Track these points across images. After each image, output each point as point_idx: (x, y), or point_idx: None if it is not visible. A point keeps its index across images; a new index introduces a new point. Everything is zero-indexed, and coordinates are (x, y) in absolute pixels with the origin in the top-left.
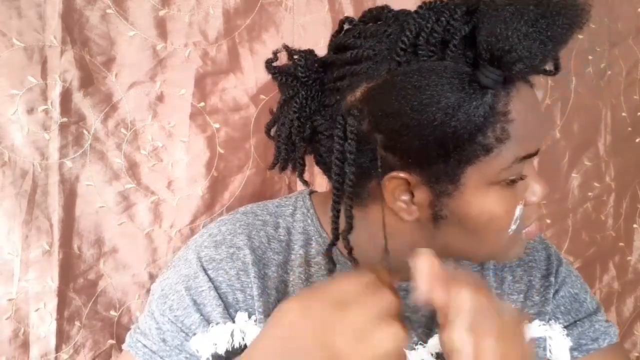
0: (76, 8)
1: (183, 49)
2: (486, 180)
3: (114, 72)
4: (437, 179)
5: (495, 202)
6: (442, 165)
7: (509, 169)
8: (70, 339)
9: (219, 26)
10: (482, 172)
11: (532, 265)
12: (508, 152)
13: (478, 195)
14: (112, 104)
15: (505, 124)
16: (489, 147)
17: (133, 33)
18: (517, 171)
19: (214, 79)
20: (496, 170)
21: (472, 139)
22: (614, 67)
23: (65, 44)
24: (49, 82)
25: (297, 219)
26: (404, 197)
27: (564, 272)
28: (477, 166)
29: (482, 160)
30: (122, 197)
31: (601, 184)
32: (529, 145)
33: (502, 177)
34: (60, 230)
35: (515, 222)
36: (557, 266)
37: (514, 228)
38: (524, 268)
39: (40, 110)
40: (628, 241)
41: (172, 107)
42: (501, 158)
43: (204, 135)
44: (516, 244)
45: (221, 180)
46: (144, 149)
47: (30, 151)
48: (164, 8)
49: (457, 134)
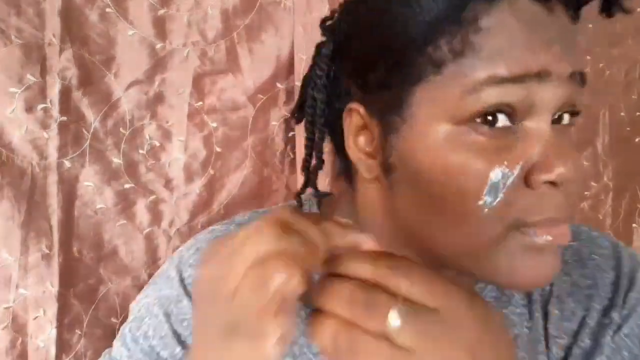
0: (76, 6)
1: (182, 48)
2: (445, 114)
3: (113, 71)
4: (385, 107)
5: (456, 148)
6: (392, 89)
7: (476, 95)
8: (70, 348)
9: (218, 26)
10: (435, 99)
11: (592, 293)
12: (473, 70)
13: (431, 133)
14: (111, 103)
15: (468, 34)
16: (440, 62)
17: (132, 32)
18: (495, 100)
19: (213, 78)
20: (456, 95)
21: (419, 47)
22: (613, 67)
23: (65, 42)
24: (48, 81)
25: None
26: (361, 140)
27: (635, 299)
28: (427, 89)
29: (432, 80)
30: (121, 197)
31: (599, 183)
32: (515, 61)
33: (470, 108)
34: (59, 233)
35: (491, 192)
36: (627, 291)
37: (488, 202)
38: (578, 297)
39: (40, 109)
40: (627, 241)
41: (170, 107)
42: (462, 77)
43: (201, 135)
44: (507, 245)
45: (218, 179)
46: (142, 148)
47: (28, 150)
48: (163, 7)
49: (401, 39)
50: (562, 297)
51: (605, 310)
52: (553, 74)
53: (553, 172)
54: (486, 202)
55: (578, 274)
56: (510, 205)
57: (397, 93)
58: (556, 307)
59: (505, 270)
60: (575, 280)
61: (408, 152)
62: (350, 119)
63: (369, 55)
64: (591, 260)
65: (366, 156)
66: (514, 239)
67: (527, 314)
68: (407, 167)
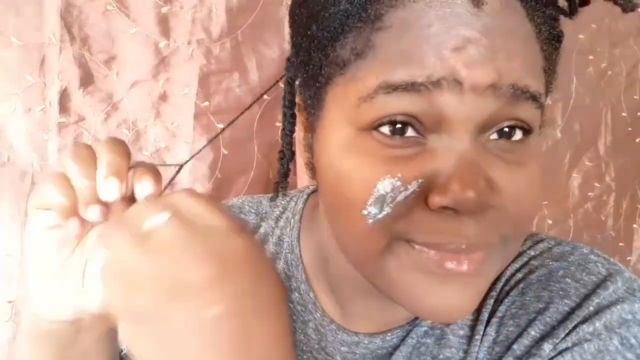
0: (76, 4)
1: (186, 46)
2: (346, 117)
3: (115, 71)
4: (308, 106)
5: (350, 153)
6: (310, 88)
7: (370, 102)
8: None
9: (222, 23)
10: (339, 102)
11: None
12: (367, 74)
13: (333, 136)
14: (113, 104)
15: (372, 32)
16: (344, 62)
17: (135, 30)
18: (390, 110)
19: (218, 77)
20: (352, 102)
21: (324, 46)
22: (615, 67)
23: (64, 41)
24: (47, 81)
25: (280, 224)
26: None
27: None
28: (334, 90)
29: (337, 82)
30: None
31: (601, 184)
32: (413, 67)
33: (365, 115)
34: None
35: (375, 203)
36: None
37: (372, 213)
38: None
39: (39, 110)
40: (628, 241)
41: (175, 107)
42: (359, 81)
43: (208, 136)
44: (395, 254)
45: (225, 182)
46: (146, 150)
47: (28, 152)
48: (166, 5)
49: (310, 34)
50: (504, 319)
51: (541, 338)
52: (464, 84)
53: (447, 195)
54: (370, 213)
55: (533, 295)
56: (400, 221)
57: (314, 92)
58: (494, 329)
59: (400, 290)
60: (526, 301)
61: (318, 153)
62: (299, 113)
63: (293, 46)
64: (559, 283)
65: (306, 152)
66: (401, 252)
67: (469, 336)
68: (319, 167)
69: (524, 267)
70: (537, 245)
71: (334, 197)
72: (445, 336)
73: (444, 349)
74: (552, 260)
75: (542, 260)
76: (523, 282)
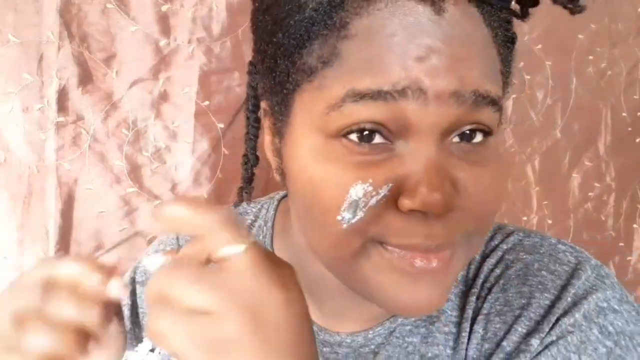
0: (74, 2)
1: (187, 45)
2: (314, 124)
3: (115, 69)
4: (276, 112)
5: (321, 161)
6: (277, 95)
7: (338, 109)
8: None
9: (223, 22)
10: (308, 109)
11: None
12: (334, 82)
13: (302, 143)
14: (112, 103)
15: (338, 40)
16: (311, 69)
17: (135, 28)
18: (357, 118)
19: (219, 76)
20: (320, 109)
21: (291, 53)
22: (614, 67)
23: (63, 39)
24: (45, 80)
25: (252, 233)
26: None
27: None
28: (302, 97)
29: (305, 89)
30: (124, 202)
31: (601, 184)
32: (378, 75)
33: (334, 122)
34: (57, 236)
35: (349, 209)
36: (562, 314)
37: (346, 218)
38: (506, 317)
39: (36, 109)
40: (628, 241)
41: (175, 106)
42: (326, 89)
43: (209, 136)
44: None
45: (227, 183)
46: (146, 150)
47: (26, 152)
48: (166, 3)
49: (276, 40)
50: (490, 316)
51: (528, 334)
52: (428, 92)
53: (416, 199)
54: (344, 218)
55: (515, 291)
56: (373, 224)
57: (281, 98)
58: (481, 325)
59: (374, 289)
60: (509, 298)
61: (288, 159)
62: (266, 119)
63: (257, 52)
64: (536, 277)
65: (274, 158)
66: (374, 253)
67: (455, 333)
68: (289, 174)
69: (500, 262)
70: (508, 238)
71: (307, 203)
72: (431, 334)
73: (431, 346)
74: (525, 254)
75: (517, 254)
76: (503, 278)
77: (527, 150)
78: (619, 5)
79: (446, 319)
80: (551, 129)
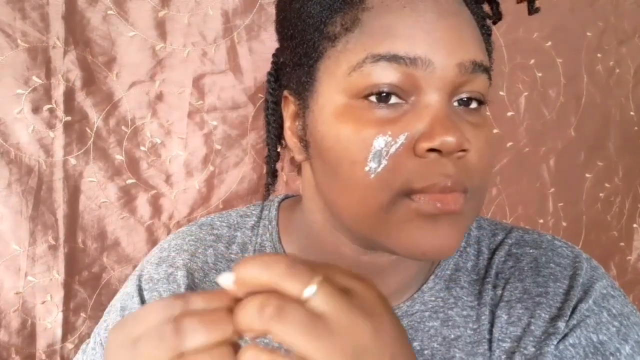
0: (78, 10)
1: (182, 49)
2: (338, 87)
3: (115, 72)
4: (300, 86)
5: (346, 119)
6: (303, 67)
7: (359, 70)
8: (75, 330)
9: (218, 26)
10: (331, 73)
11: (541, 300)
12: (357, 45)
13: (328, 105)
14: (113, 103)
15: (359, 11)
16: (335, 36)
17: (133, 34)
18: (375, 79)
19: (213, 78)
20: (344, 71)
21: (317, 26)
22: (622, 65)
23: (68, 44)
24: (53, 82)
25: (258, 232)
26: (296, 126)
27: (586, 309)
28: (326, 64)
29: (329, 55)
30: (124, 192)
31: (611, 184)
32: (393, 43)
33: (355, 83)
34: (65, 225)
35: (374, 159)
36: (578, 301)
37: (373, 168)
38: (527, 304)
39: (45, 110)
40: (628, 241)
41: (170, 106)
42: (349, 52)
43: (201, 132)
44: (397, 211)
45: (217, 175)
46: (143, 145)
47: (35, 149)
48: (163, 9)
49: (303, 19)
50: (511, 303)
51: (553, 319)
52: (435, 63)
53: (435, 140)
54: (371, 168)
55: (531, 280)
56: (397, 172)
57: (306, 71)
58: (504, 311)
59: (399, 237)
60: (527, 286)
61: (314, 125)
62: (287, 107)
63: (283, 39)
64: (547, 269)
65: (298, 140)
66: (402, 206)
67: (474, 316)
68: (314, 140)
69: (510, 255)
70: (510, 234)
71: (336, 160)
72: (450, 319)
73: (452, 329)
74: (530, 249)
75: (523, 249)
76: (517, 269)
77: (541, 150)
78: (623, 3)
79: (463, 304)
80: (566, 128)
